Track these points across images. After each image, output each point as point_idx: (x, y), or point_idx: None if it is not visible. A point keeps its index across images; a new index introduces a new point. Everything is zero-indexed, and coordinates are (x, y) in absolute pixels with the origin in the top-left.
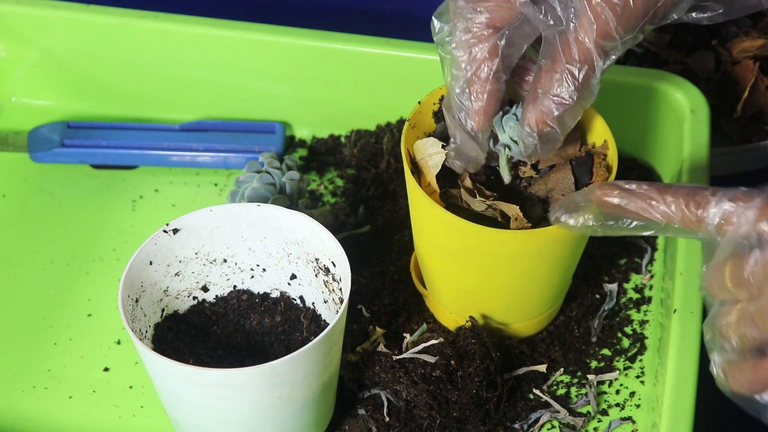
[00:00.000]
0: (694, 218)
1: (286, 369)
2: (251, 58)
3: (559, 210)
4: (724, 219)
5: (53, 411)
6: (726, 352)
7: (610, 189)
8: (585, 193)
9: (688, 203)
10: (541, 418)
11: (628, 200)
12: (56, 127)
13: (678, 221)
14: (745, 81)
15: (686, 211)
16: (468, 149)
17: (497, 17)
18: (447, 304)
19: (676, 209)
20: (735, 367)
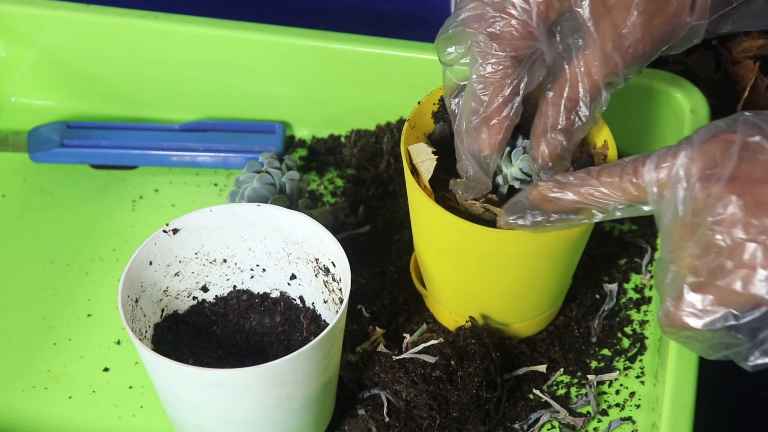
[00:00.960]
0: (634, 190)
1: (285, 369)
2: (251, 58)
3: (507, 213)
4: (660, 181)
5: (53, 411)
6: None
7: (546, 184)
8: (526, 193)
9: (623, 179)
10: (541, 419)
11: (565, 191)
12: (56, 127)
13: (619, 198)
14: (745, 81)
15: (625, 185)
16: (479, 180)
17: (520, 54)
18: (447, 305)
19: (613, 188)
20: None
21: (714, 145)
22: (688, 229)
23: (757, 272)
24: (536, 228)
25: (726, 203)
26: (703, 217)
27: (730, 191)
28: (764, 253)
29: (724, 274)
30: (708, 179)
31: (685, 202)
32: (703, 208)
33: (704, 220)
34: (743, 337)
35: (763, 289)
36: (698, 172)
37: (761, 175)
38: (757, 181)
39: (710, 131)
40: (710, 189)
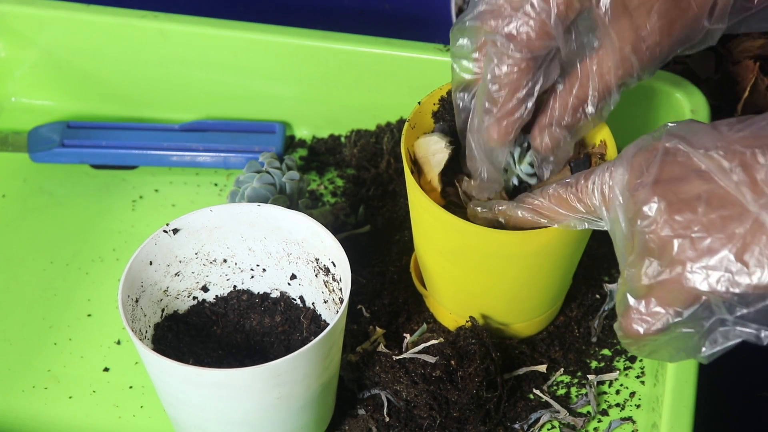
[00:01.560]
0: (584, 209)
1: (285, 369)
2: (251, 58)
3: (477, 208)
4: (604, 201)
5: (53, 411)
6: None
7: (501, 204)
8: (490, 207)
9: (572, 200)
10: (541, 418)
11: (517, 209)
12: (56, 127)
13: (575, 216)
14: (746, 81)
15: (576, 206)
16: (493, 180)
17: (536, 54)
18: (447, 305)
19: (567, 209)
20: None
21: (641, 156)
22: (629, 235)
23: (686, 266)
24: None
25: (651, 206)
26: (635, 222)
27: (653, 193)
28: (691, 247)
29: (659, 274)
30: (636, 187)
31: (623, 214)
32: (633, 216)
33: (636, 226)
34: (691, 330)
35: (696, 281)
36: (627, 182)
37: (680, 174)
38: (677, 180)
39: (638, 145)
40: (638, 196)
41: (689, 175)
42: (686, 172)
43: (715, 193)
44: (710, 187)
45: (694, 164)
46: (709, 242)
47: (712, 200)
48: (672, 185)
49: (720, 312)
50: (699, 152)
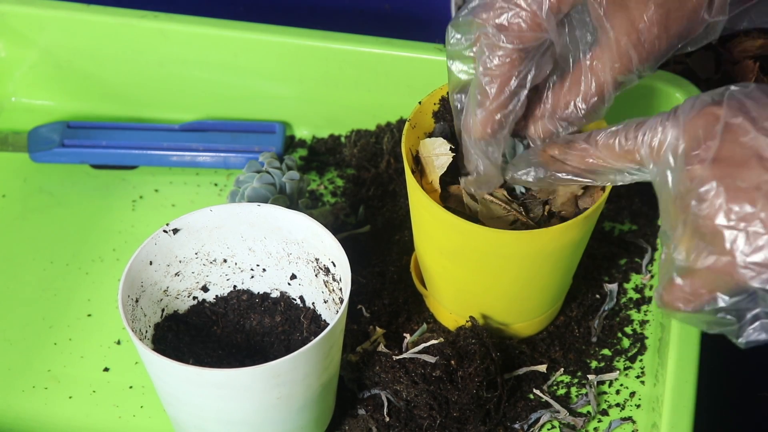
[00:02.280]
0: (629, 159)
1: (286, 369)
2: (251, 58)
3: (513, 168)
4: (653, 148)
5: (53, 411)
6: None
7: (552, 145)
8: (533, 152)
9: (620, 147)
10: (541, 418)
11: (567, 153)
12: (56, 127)
13: (618, 165)
14: (746, 81)
15: (622, 153)
16: (490, 175)
17: (527, 46)
18: (447, 305)
19: (612, 155)
20: (669, 284)
21: (699, 120)
22: (679, 208)
23: (738, 259)
24: (537, 183)
25: (708, 189)
26: (689, 200)
27: (711, 175)
28: (745, 240)
29: (708, 261)
30: (692, 160)
31: (674, 183)
32: (688, 191)
33: (689, 204)
34: (732, 317)
35: (747, 276)
36: (683, 151)
37: (742, 157)
38: (738, 164)
39: (696, 106)
40: (694, 172)
41: (751, 161)
42: (748, 156)
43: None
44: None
45: (758, 147)
46: (766, 240)
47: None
48: (732, 169)
49: (766, 305)
50: (763, 138)
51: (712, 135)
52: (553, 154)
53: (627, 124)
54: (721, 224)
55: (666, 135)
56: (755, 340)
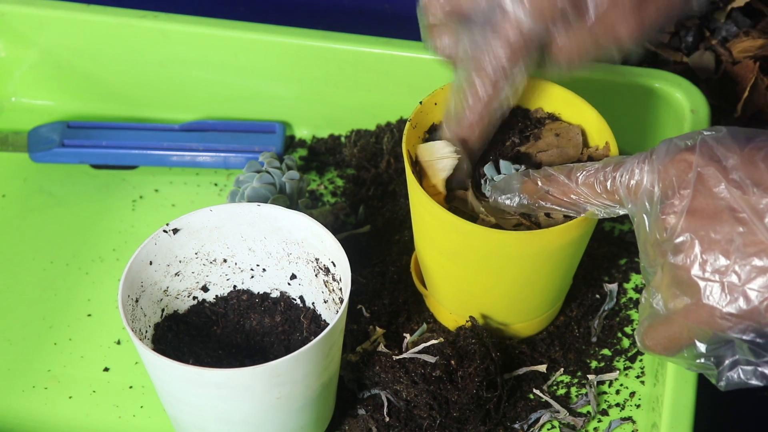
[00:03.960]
0: (608, 198)
1: (286, 369)
2: (251, 58)
3: (496, 191)
4: (630, 190)
5: (53, 411)
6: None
7: (535, 177)
8: (517, 178)
9: (598, 186)
10: (541, 418)
11: (549, 186)
12: (56, 127)
13: (596, 202)
14: (746, 81)
15: (601, 192)
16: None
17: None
18: (447, 305)
19: (591, 192)
20: (651, 328)
21: (673, 167)
22: (657, 252)
23: (715, 311)
24: (519, 209)
25: (683, 241)
26: (665, 248)
27: (686, 227)
28: (721, 292)
29: (686, 310)
30: (666, 209)
31: (651, 228)
32: (664, 240)
33: (666, 254)
34: (711, 363)
35: (724, 327)
36: (658, 199)
37: (715, 209)
38: (711, 216)
39: (670, 151)
40: (669, 221)
41: (723, 213)
42: (720, 209)
43: (749, 240)
44: (745, 231)
45: (729, 200)
46: (742, 291)
47: (747, 247)
48: (706, 221)
49: (743, 353)
50: (734, 190)
51: (685, 184)
52: (533, 182)
53: (605, 164)
54: (697, 275)
55: (642, 178)
56: (735, 384)
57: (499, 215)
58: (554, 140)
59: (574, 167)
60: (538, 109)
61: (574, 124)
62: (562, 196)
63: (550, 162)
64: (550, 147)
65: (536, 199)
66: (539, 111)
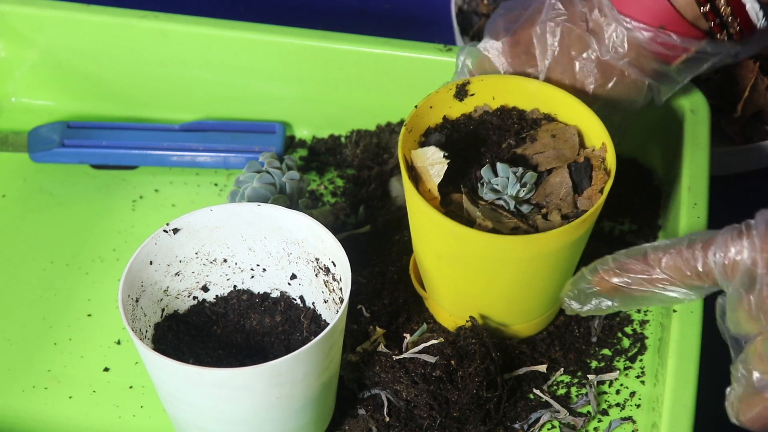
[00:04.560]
0: (697, 278)
1: (286, 369)
2: (251, 58)
3: (570, 301)
4: (726, 268)
5: (53, 411)
6: (743, 385)
7: (605, 270)
8: (585, 278)
9: (686, 266)
10: (541, 418)
11: (626, 278)
12: (56, 127)
13: (682, 283)
14: (746, 81)
15: (688, 272)
16: None
17: None
18: (446, 307)
19: (676, 274)
20: (746, 402)
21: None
22: (756, 325)
23: None
24: (601, 311)
25: None
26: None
27: None
28: None
29: None
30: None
31: (750, 305)
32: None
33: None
34: None
35: None
36: (763, 275)
37: None
38: None
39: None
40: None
41: None
42: None
43: None
44: None
45: None
46: None
47: None
48: None
49: None
50: None
51: None
52: (612, 283)
53: (691, 242)
54: None
55: (741, 255)
56: None
57: (495, 219)
58: (551, 141)
59: (648, 250)
60: (534, 110)
61: (571, 124)
62: (643, 286)
63: (547, 163)
64: (547, 148)
65: (612, 295)
66: (535, 112)
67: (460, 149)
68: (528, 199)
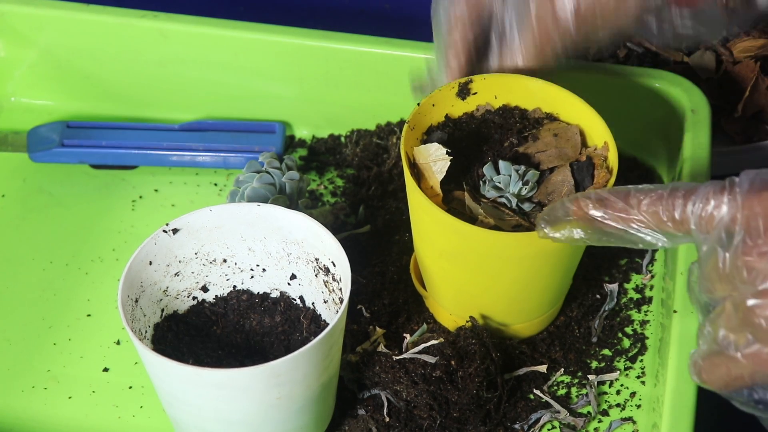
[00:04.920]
0: (673, 226)
1: (285, 369)
2: (251, 58)
3: (543, 223)
4: (702, 219)
5: (53, 411)
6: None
7: (585, 201)
8: (563, 206)
9: (664, 212)
10: (541, 419)
11: (603, 212)
12: (56, 127)
13: (657, 228)
14: (746, 81)
15: (665, 219)
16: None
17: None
18: (447, 306)
19: (653, 218)
20: (709, 361)
21: (759, 204)
22: (727, 287)
23: None
24: (572, 242)
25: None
26: (745, 291)
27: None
28: None
29: (756, 356)
30: (750, 251)
31: (725, 263)
32: (743, 282)
33: (743, 294)
34: (765, 408)
35: None
36: (741, 239)
37: None
38: None
39: (756, 184)
40: (752, 264)
41: None
42: None
43: None
44: None
45: None
46: None
47: None
48: None
49: None
50: None
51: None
52: (589, 214)
53: (673, 190)
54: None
55: (719, 210)
56: None
57: (497, 216)
58: (552, 140)
59: (631, 190)
60: (536, 109)
61: (573, 123)
62: (619, 222)
63: (549, 161)
64: (549, 147)
65: (586, 226)
66: (537, 111)
67: (462, 147)
68: (530, 197)
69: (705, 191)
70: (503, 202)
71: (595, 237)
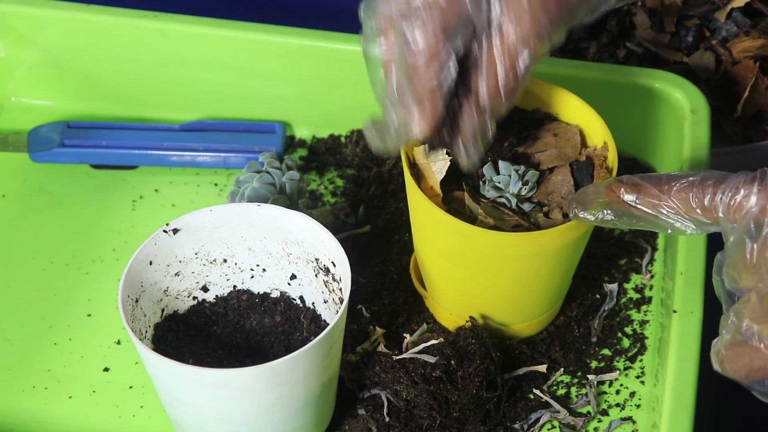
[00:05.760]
0: (703, 214)
1: (286, 369)
2: (251, 58)
3: (575, 204)
4: (731, 208)
5: (53, 411)
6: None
7: (618, 185)
8: (597, 189)
9: (694, 199)
10: (541, 419)
11: (636, 196)
12: (56, 127)
13: (687, 215)
14: (746, 81)
15: (695, 206)
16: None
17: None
18: (447, 306)
19: (684, 205)
20: (731, 351)
21: None
22: (754, 278)
23: None
24: (603, 224)
25: None
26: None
27: None
28: None
29: None
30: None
31: (752, 254)
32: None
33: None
34: None
35: None
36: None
37: None
38: None
39: None
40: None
41: None
42: None
43: None
44: None
45: None
46: None
47: None
48: None
49: None
50: None
51: None
52: (621, 197)
53: (705, 177)
54: None
55: (748, 200)
56: None
57: (497, 216)
58: (552, 140)
59: (664, 176)
60: (536, 110)
61: (572, 124)
62: (650, 208)
63: (548, 162)
64: (549, 147)
65: (619, 210)
66: (537, 111)
67: None
68: (530, 197)
69: (735, 180)
70: (503, 202)
71: (625, 220)
